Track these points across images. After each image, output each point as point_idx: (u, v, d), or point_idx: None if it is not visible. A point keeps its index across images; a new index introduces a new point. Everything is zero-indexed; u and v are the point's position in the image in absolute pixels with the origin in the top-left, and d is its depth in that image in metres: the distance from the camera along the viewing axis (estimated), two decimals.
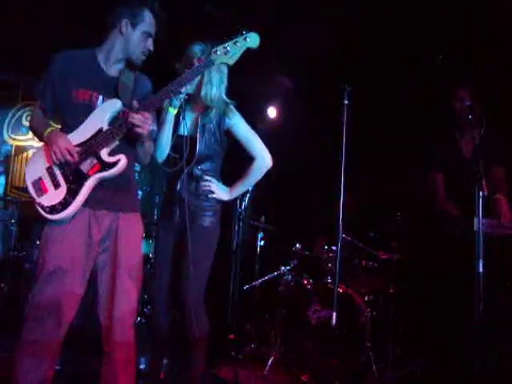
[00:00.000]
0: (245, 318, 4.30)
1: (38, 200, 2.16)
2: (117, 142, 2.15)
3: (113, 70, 2.28)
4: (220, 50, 2.09)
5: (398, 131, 4.62)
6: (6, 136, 6.09)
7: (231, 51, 2.10)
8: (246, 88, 5.11)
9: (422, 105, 4.45)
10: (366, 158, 4.45)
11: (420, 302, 3.79)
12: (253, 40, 2.11)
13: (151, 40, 2.24)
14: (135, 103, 2.11)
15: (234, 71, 2.43)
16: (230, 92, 2.62)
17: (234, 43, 2.10)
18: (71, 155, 2.12)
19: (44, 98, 2.28)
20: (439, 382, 3.26)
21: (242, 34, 2.10)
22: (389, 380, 3.43)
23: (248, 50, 2.14)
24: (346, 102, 2.58)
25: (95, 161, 2.13)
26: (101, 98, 2.21)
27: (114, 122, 2.15)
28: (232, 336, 3.80)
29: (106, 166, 2.12)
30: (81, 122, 2.18)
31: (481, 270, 2.54)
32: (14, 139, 6.12)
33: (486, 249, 2.59)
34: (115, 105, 2.16)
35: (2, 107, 6.07)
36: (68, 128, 2.21)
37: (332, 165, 2.71)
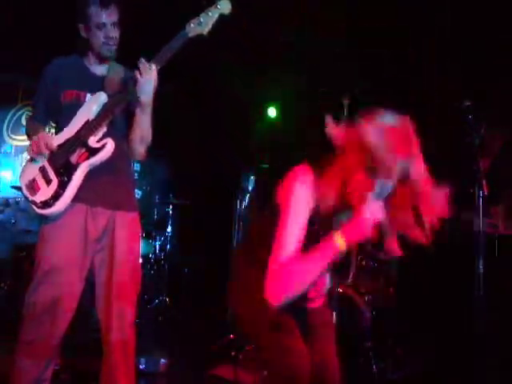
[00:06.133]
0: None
1: (32, 198, 2.17)
2: (104, 129, 2.17)
3: (99, 68, 2.32)
4: (194, 22, 2.13)
5: None
6: (5, 136, 6.09)
7: (204, 21, 2.12)
8: (246, 87, 5.12)
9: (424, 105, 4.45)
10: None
11: (420, 302, 3.79)
12: (224, 6, 2.14)
13: (108, 27, 2.21)
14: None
15: (235, 72, 2.44)
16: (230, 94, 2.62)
17: (206, 13, 2.14)
18: (46, 145, 2.15)
19: (37, 107, 2.36)
20: (439, 382, 3.26)
21: (214, 3, 2.14)
22: (389, 380, 3.42)
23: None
24: (346, 101, 2.58)
25: (83, 149, 2.16)
26: (88, 95, 2.25)
27: (100, 112, 2.18)
28: (232, 336, 3.79)
29: (94, 151, 2.14)
30: (70, 121, 2.22)
31: (481, 270, 2.55)
32: (13, 139, 6.11)
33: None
34: (100, 97, 2.19)
35: (2, 107, 6.07)
36: (60, 129, 2.26)
37: None
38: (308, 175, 1.69)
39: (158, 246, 5.12)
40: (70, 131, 2.20)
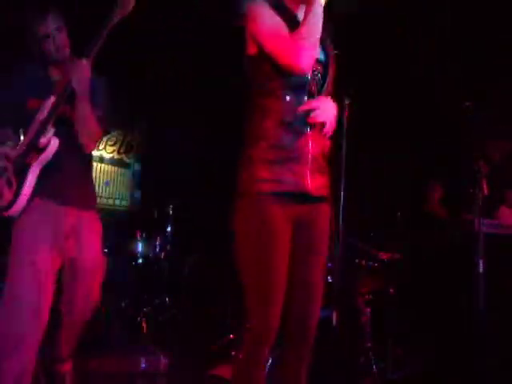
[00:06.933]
0: (245, 318, 4.29)
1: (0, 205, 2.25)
2: (52, 129, 2.24)
3: (61, 75, 2.35)
4: (115, 6, 2.13)
5: (399, 131, 4.63)
6: None
7: (121, 2, 2.13)
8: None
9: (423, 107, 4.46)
10: (366, 158, 4.46)
11: (420, 302, 3.79)
12: None
13: (51, 36, 2.29)
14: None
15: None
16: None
17: None
18: (5, 160, 2.28)
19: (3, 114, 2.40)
20: (439, 382, 3.26)
21: None
22: (389, 380, 3.42)
23: None
24: (347, 101, 2.58)
25: (34, 150, 2.25)
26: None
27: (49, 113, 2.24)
28: (232, 336, 3.79)
29: (40, 150, 2.23)
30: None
31: (481, 269, 2.55)
32: None
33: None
34: (49, 100, 2.25)
35: None
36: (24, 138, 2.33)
37: (332, 164, 2.71)
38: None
39: (158, 246, 5.12)
40: (28, 137, 2.29)
